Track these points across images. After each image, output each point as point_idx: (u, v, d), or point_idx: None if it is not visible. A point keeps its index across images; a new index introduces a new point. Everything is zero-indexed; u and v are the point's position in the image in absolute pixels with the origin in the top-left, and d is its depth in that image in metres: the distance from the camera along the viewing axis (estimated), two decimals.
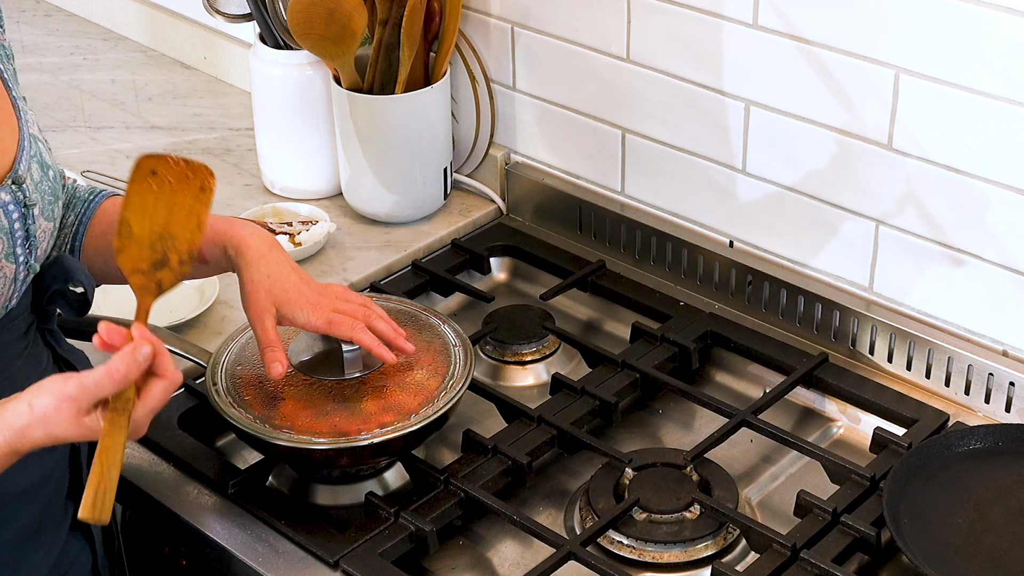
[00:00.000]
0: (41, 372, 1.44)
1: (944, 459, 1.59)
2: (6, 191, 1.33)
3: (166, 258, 1.36)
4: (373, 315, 1.57)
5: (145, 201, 1.37)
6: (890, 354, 1.78)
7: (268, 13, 2.06)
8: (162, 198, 1.37)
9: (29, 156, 1.38)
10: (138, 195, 1.36)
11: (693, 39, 1.84)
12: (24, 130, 1.39)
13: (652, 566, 1.53)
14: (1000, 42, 1.56)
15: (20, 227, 1.35)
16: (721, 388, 1.83)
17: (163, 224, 1.37)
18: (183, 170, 1.39)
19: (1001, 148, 1.62)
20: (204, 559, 1.58)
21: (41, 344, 1.46)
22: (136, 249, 1.35)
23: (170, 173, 1.38)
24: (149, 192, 1.37)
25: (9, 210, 1.33)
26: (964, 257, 1.71)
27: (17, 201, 1.35)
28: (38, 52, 2.68)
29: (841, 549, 1.50)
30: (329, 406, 1.54)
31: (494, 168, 2.14)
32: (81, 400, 1.24)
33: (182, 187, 1.38)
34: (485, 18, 2.06)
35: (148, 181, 1.37)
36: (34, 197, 1.37)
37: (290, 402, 1.56)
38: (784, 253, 1.88)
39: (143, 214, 1.36)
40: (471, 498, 1.57)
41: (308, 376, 1.57)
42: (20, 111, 1.40)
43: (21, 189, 1.35)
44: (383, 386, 1.57)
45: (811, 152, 1.79)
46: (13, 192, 1.34)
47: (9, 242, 1.33)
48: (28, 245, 1.36)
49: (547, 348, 1.86)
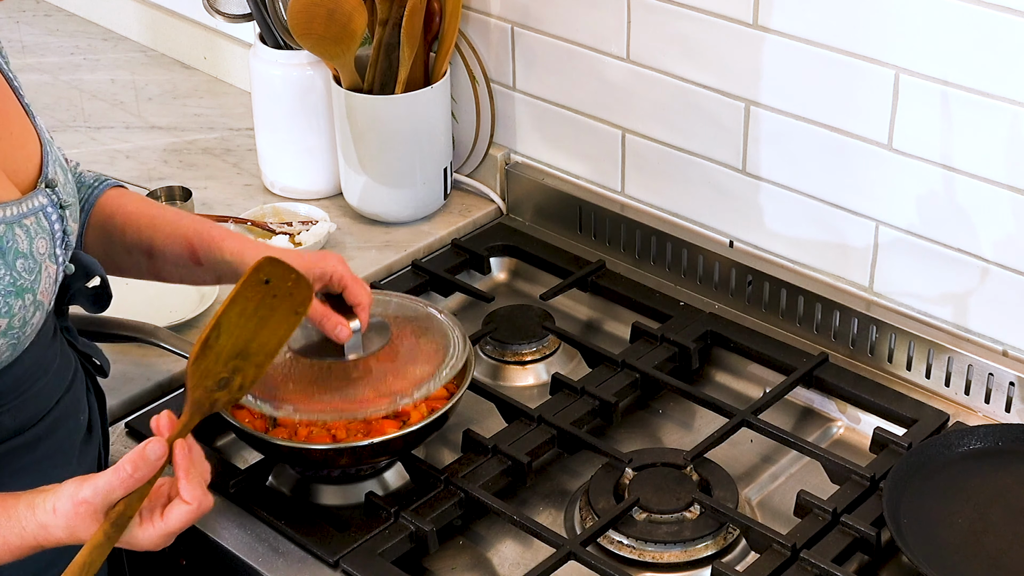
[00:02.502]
0: (74, 370, 1.47)
1: (944, 459, 1.59)
2: (43, 195, 1.36)
3: (232, 380, 1.32)
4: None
5: (245, 309, 1.31)
6: (890, 354, 1.78)
7: (268, 13, 2.06)
8: (260, 311, 1.32)
9: (52, 159, 1.41)
10: (243, 302, 1.30)
11: (693, 39, 1.84)
12: (43, 135, 1.41)
13: (652, 566, 1.53)
14: (1000, 42, 1.56)
15: (59, 228, 1.38)
16: (721, 388, 1.83)
17: (247, 340, 1.31)
18: (289, 286, 1.33)
19: (1001, 148, 1.62)
20: (204, 559, 1.58)
21: (66, 343, 1.49)
22: (212, 363, 1.30)
23: (279, 285, 1.32)
24: (252, 301, 1.31)
25: (48, 212, 1.36)
26: (964, 257, 1.71)
27: (53, 203, 1.37)
28: (38, 52, 2.68)
29: (841, 549, 1.50)
30: (327, 396, 1.55)
31: (494, 168, 2.14)
32: (96, 502, 1.24)
33: (281, 304, 1.33)
34: (485, 18, 2.06)
35: (259, 287, 1.31)
36: (67, 199, 1.40)
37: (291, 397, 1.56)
38: (784, 253, 1.88)
39: (236, 324, 1.30)
40: (471, 498, 1.57)
41: (308, 358, 1.56)
42: (34, 118, 1.42)
43: (55, 192, 1.38)
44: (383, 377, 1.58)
45: (811, 152, 1.79)
46: (49, 195, 1.37)
47: (51, 243, 1.36)
48: (65, 245, 1.39)
49: (547, 348, 1.86)
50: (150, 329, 1.73)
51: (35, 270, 1.32)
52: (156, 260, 1.57)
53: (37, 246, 1.33)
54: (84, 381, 1.51)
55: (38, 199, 1.36)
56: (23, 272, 1.31)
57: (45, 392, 1.41)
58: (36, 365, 1.40)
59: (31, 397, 1.39)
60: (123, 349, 1.78)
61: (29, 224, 1.33)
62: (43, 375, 1.41)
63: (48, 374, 1.42)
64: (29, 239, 1.32)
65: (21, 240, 1.31)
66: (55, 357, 1.44)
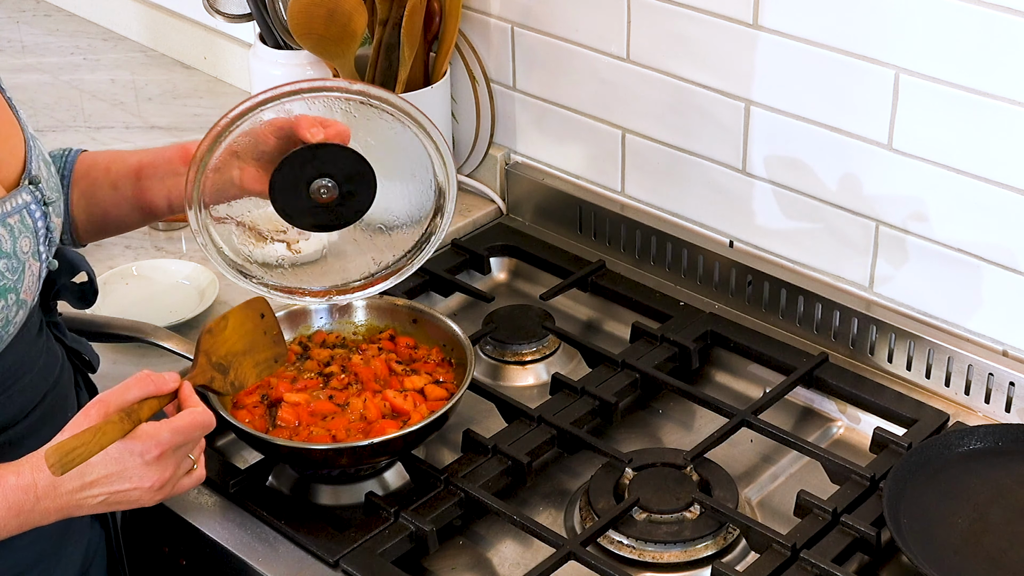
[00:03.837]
0: (60, 367, 1.46)
1: (944, 459, 1.59)
2: (27, 192, 1.36)
3: (227, 368, 1.46)
4: None
5: (244, 324, 1.48)
6: (890, 354, 1.78)
7: (268, 13, 2.06)
8: (253, 336, 1.49)
9: (36, 155, 1.39)
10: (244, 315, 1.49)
11: (693, 39, 1.84)
12: (26, 130, 1.40)
13: (652, 566, 1.53)
14: (1000, 42, 1.56)
15: (43, 225, 1.37)
16: (721, 388, 1.83)
17: (240, 352, 1.48)
18: (276, 335, 1.52)
19: (1001, 148, 1.62)
20: (204, 559, 1.58)
21: (52, 339, 1.48)
22: (217, 345, 1.45)
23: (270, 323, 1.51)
24: (250, 321, 1.49)
25: (32, 210, 1.36)
26: (964, 257, 1.71)
27: (37, 200, 1.37)
28: (38, 52, 2.68)
29: (841, 549, 1.50)
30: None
31: (494, 168, 2.14)
32: (109, 399, 1.30)
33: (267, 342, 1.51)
34: (485, 18, 2.06)
35: (255, 315, 1.50)
36: (50, 195, 1.39)
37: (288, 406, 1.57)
38: (784, 253, 1.88)
39: (236, 330, 1.47)
40: (471, 498, 1.57)
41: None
42: (17, 112, 1.41)
43: (39, 188, 1.38)
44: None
45: (811, 152, 1.79)
46: (32, 192, 1.37)
47: (34, 241, 1.35)
48: (48, 242, 1.39)
49: (547, 348, 1.86)
50: (150, 329, 1.73)
51: (18, 269, 1.32)
52: (144, 180, 1.55)
53: (21, 245, 1.32)
54: (72, 377, 1.50)
55: (22, 196, 1.35)
56: (6, 272, 1.30)
57: (30, 388, 1.41)
58: (20, 362, 1.39)
59: (16, 393, 1.39)
60: (123, 349, 1.78)
61: (13, 223, 1.32)
62: (28, 371, 1.40)
63: (33, 370, 1.41)
64: (12, 238, 1.31)
65: (4, 240, 1.30)
66: (40, 353, 1.43)
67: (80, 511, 1.30)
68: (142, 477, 1.30)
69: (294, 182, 1.47)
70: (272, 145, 1.48)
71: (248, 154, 1.48)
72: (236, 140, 1.46)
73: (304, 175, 1.47)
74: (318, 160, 1.46)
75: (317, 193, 1.48)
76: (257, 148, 1.48)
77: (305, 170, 1.47)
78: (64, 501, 1.29)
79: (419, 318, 1.72)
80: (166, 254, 2.03)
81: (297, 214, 1.50)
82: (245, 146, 1.47)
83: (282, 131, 1.47)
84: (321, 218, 1.50)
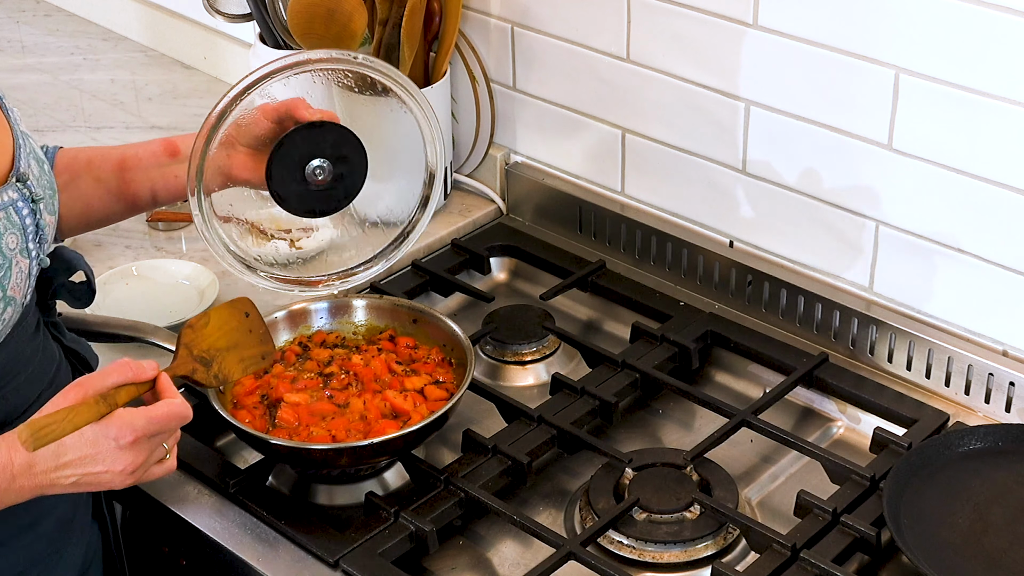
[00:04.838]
0: (57, 367, 1.46)
1: (944, 459, 1.59)
2: (13, 189, 1.36)
3: (210, 362, 1.50)
4: None
5: (228, 322, 1.53)
6: (890, 354, 1.78)
7: (268, 13, 2.06)
8: (238, 334, 1.54)
9: (26, 153, 1.39)
10: (227, 314, 1.54)
11: (693, 39, 1.84)
12: (16, 127, 1.40)
13: (652, 566, 1.53)
14: (1000, 42, 1.56)
15: (31, 222, 1.37)
16: (721, 388, 1.83)
17: (224, 347, 1.52)
18: (262, 333, 1.56)
19: (1001, 148, 1.62)
20: (204, 559, 1.58)
21: (50, 338, 1.48)
22: (199, 340, 1.50)
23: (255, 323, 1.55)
24: (234, 319, 1.54)
25: (19, 207, 1.36)
26: (964, 257, 1.71)
27: (25, 198, 1.37)
28: (38, 52, 2.68)
29: (841, 549, 1.50)
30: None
31: (494, 168, 2.14)
32: (87, 383, 1.33)
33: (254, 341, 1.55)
34: (485, 18, 2.06)
35: (240, 315, 1.55)
36: (39, 192, 1.38)
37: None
38: (784, 253, 1.88)
39: (219, 327, 1.52)
40: (471, 498, 1.57)
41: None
42: (7, 109, 1.41)
43: (27, 186, 1.37)
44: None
45: (811, 152, 1.79)
46: (19, 189, 1.36)
47: (22, 237, 1.35)
48: (38, 239, 1.38)
49: (547, 348, 1.86)
50: (149, 329, 1.73)
51: (4, 266, 1.32)
52: (128, 172, 1.57)
53: (7, 242, 1.33)
54: (70, 377, 1.51)
55: (8, 194, 1.35)
56: None
57: (25, 387, 1.41)
58: (15, 360, 1.39)
59: (11, 392, 1.39)
60: (122, 349, 1.77)
61: None
62: (23, 370, 1.41)
63: (29, 369, 1.41)
64: None
65: None
66: (36, 352, 1.44)
67: (53, 490, 1.32)
68: (114, 460, 1.32)
69: (291, 162, 1.51)
70: (266, 129, 1.52)
71: (244, 140, 1.52)
72: (232, 126, 1.50)
73: (300, 153, 1.51)
74: (312, 139, 1.51)
75: (312, 175, 1.52)
76: (252, 133, 1.52)
77: (301, 149, 1.51)
78: (39, 480, 1.31)
79: (419, 318, 1.72)
80: (166, 254, 2.03)
81: (291, 197, 1.53)
82: (241, 132, 1.52)
83: (276, 114, 1.51)
84: (312, 202, 1.55)
